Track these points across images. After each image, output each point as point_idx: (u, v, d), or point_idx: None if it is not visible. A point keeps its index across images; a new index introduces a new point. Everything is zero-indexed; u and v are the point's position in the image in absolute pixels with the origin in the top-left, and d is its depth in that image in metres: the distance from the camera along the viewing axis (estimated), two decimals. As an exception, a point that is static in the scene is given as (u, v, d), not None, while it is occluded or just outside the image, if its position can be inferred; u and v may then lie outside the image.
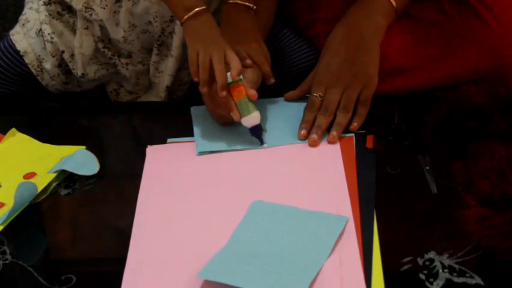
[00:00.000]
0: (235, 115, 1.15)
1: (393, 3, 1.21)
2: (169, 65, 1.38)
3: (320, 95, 1.18)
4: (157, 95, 1.43)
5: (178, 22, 1.31)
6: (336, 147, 1.14)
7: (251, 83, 1.18)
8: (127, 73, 1.40)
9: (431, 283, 0.89)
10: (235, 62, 1.14)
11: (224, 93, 1.13)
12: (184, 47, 1.35)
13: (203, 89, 1.16)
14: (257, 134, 1.16)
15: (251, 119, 1.15)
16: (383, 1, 1.22)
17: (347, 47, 1.19)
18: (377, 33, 1.20)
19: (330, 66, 1.19)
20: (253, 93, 1.15)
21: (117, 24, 1.34)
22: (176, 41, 1.35)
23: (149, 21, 1.34)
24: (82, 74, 1.37)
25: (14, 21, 1.43)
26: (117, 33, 1.35)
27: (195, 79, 1.17)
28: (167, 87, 1.40)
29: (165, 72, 1.39)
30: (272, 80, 1.24)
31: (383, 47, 1.23)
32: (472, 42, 1.23)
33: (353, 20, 1.21)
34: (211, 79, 1.15)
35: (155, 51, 1.37)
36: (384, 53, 1.23)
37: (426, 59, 1.23)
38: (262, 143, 1.16)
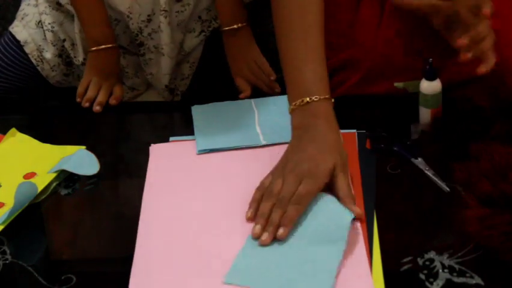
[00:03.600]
0: None
1: (327, 96, 1.09)
2: (164, 65, 1.38)
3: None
4: (159, 94, 1.43)
5: (162, 20, 1.33)
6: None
7: None
8: (124, 62, 1.41)
9: (431, 283, 0.89)
10: (117, 92, 1.33)
11: (98, 107, 1.31)
12: (174, 42, 1.36)
13: (84, 104, 1.32)
14: None
15: None
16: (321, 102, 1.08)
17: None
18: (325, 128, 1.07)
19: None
20: None
21: None
22: (165, 38, 1.35)
23: (128, 16, 1.35)
24: (84, 59, 1.37)
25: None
26: None
27: (78, 99, 1.33)
28: (166, 86, 1.40)
29: (160, 72, 1.39)
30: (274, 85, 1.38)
31: (384, 47, 1.23)
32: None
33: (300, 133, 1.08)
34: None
35: (138, 51, 1.38)
36: (384, 54, 1.23)
37: (425, 60, 1.23)
38: None
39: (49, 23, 1.37)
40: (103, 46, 1.32)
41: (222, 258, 0.94)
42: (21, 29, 1.39)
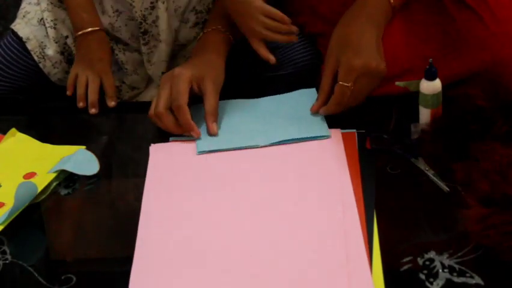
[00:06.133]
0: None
1: (391, 1, 1.21)
2: (161, 51, 1.38)
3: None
4: (157, 86, 1.43)
5: (160, 6, 1.32)
6: (339, 144, 1.14)
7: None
8: (124, 59, 1.40)
9: (431, 283, 0.89)
10: (108, 89, 1.33)
11: (93, 110, 1.30)
12: (170, 28, 1.36)
13: (79, 104, 1.32)
14: None
15: None
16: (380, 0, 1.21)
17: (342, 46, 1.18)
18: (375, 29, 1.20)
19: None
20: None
21: (103, 12, 1.36)
22: (162, 25, 1.35)
23: (131, 4, 1.35)
24: None
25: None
26: (104, 21, 1.37)
27: (68, 93, 1.33)
28: (163, 73, 1.39)
29: (159, 59, 1.39)
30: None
31: (385, 48, 1.23)
32: (469, 42, 1.23)
33: (350, 20, 1.20)
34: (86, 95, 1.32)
35: (141, 40, 1.38)
36: (384, 53, 1.23)
37: (425, 60, 1.23)
38: None
39: (51, 20, 1.38)
40: (89, 29, 1.32)
41: (222, 257, 0.95)
42: (23, 26, 1.40)
